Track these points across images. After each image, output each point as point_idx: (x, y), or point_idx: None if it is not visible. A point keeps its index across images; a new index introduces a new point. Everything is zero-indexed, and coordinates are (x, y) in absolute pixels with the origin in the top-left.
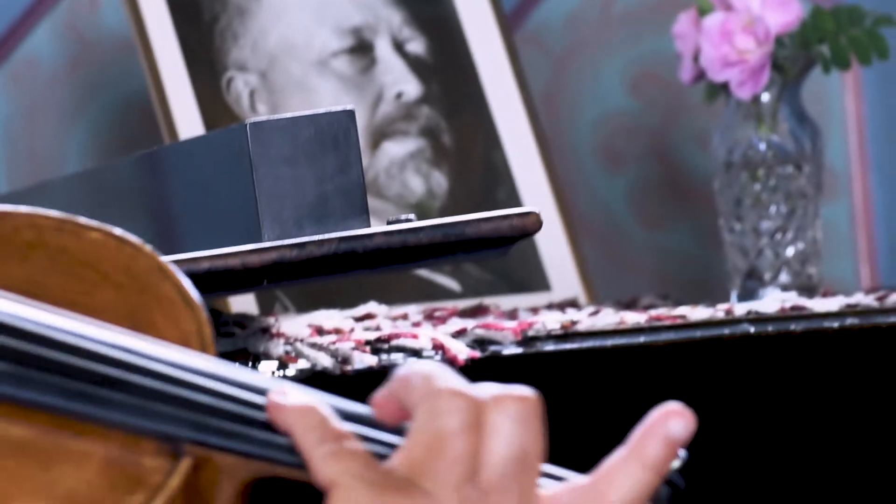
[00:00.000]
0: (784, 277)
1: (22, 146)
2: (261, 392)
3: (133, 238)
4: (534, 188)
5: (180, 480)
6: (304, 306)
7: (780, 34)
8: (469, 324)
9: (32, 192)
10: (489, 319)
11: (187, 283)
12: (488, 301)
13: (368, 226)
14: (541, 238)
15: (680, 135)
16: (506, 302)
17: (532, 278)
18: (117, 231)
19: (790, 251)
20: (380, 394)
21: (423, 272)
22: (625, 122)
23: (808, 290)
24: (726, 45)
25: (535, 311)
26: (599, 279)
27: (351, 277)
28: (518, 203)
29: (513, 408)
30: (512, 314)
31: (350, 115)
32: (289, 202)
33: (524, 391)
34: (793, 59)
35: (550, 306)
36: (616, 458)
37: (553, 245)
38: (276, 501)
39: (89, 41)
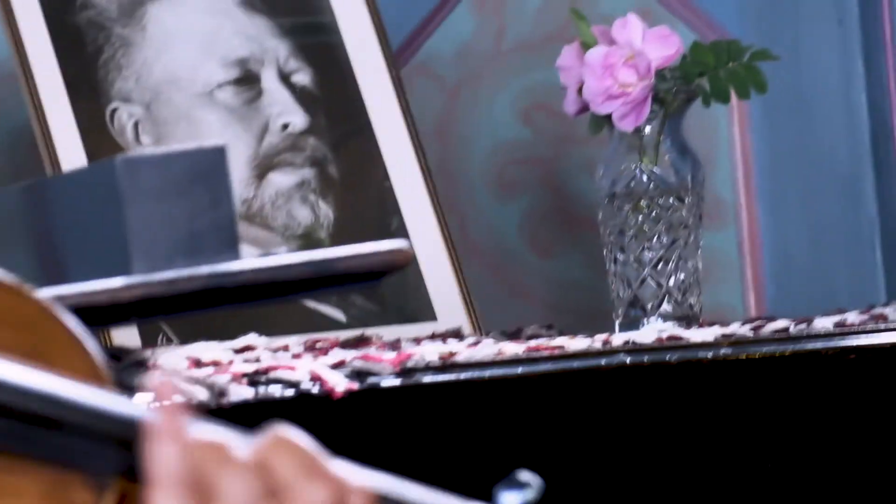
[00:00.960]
0: (666, 307)
1: None
2: None
3: (11, 280)
4: (420, 218)
5: None
6: (188, 337)
7: (661, 68)
8: (349, 355)
9: None
10: (369, 351)
11: (73, 323)
12: (372, 332)
13: (238, 259)
14: (426, 268)
15: (571, 164)
16: (391, 332)
17: (418, 309)
18: (7, 279)
19: (672, 281)
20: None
21: (309, 302)
22: (516, 152)
23: (690, 320)
24: (609, 78)
25: (418, 341)
26: (492, 307)
27: (222, 311)
28: (405, 233)
29: (307, 500)
30: (394, 345)
31: (221, 150)
32: (159, 237)
33: (325, 478)
34: (674, 92)
35: (433, 336)
36: None
37: (438, 275)
38: None
39: None
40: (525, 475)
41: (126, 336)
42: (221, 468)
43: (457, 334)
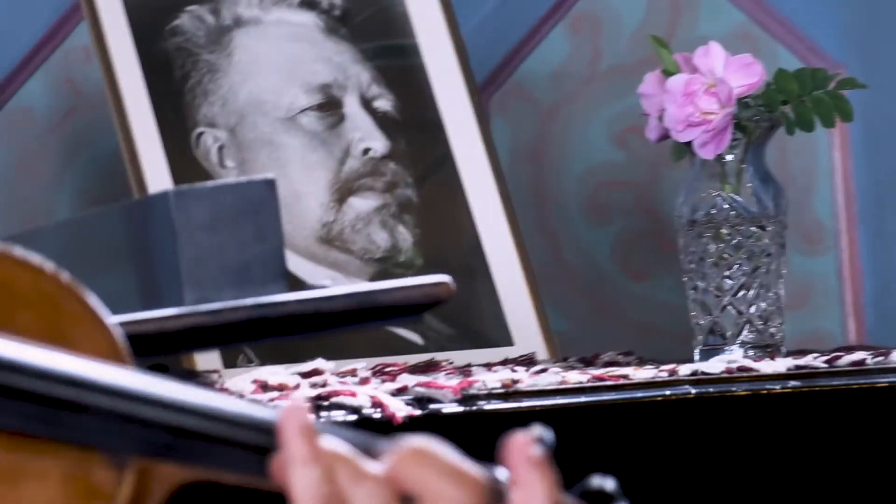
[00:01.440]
0: (747, 335)
1: (14, 194)
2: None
3: (32, 257)
4: (498, 243)
5: (129, 491)
6: (269, 358)
7: (742, 96)
8: (414, 381)
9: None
10: (434, 377)
11: (94, 301)
12: (448, 356)
13: (286, 291)
14: (504, 293)
15: (664, 187)
16: (466, 357)
17: (495, 333)
18: (17, 252)
19: (753, 309)
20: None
21: (387, 326)
22: (610, 175)
23: (770, 348)
24: (690, 105)
25: (489, 366)
26: (584, 330)
27: (268, 343)
28: (482, 257)
29: None
30: (465, 370)
31: (270, 183)
32: (209, 268)
33: (470, 484)
34: (757, 120)
35: (506, 362)
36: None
37: (516, 300)
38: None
39: (82, 92)
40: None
41: (208, 358)
42: (357, 484)
43: (530, 360)
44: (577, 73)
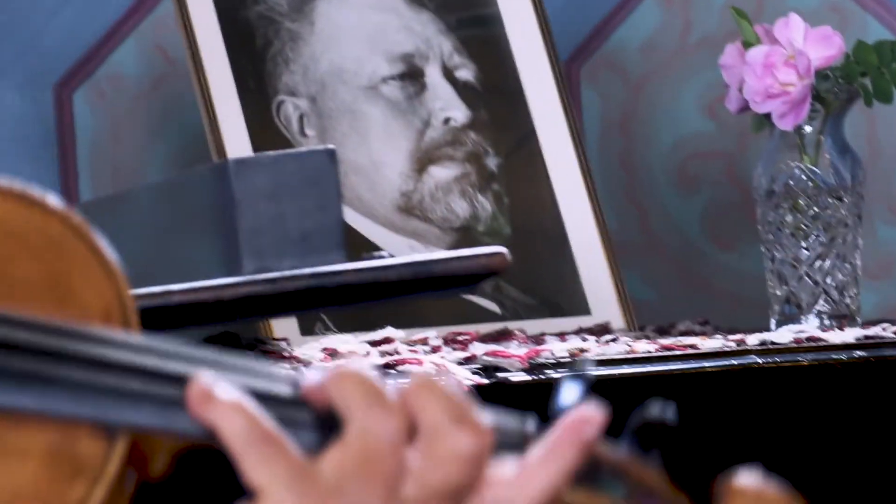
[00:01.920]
0: (823, 305)
1: (106, 160)
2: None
3: (48, 199)
4: (576, 212)
5: (118, 464)
6: (346, 327)
7: (821, 68)
8: (485, 349)
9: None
10: (502, 346)
11: (104, 245)
12: (525, 324)
13: (345, 261)
14: (581, 262)
15: (753, 158)
16: (544, 326)
17: (572, 303)
18: (31, 191)
19: (829, 280)
20: (311, 384)
21: (466, 294)
22: (699, 146)
23: (847, 318)
24: (769, 77)
25: (562, 336)
26: (673, 300)
27: (324, 311)
28: (561, 226)
29: (452, 447)
30: (538, 339)
31: (331, 153)
32: (269, 238)
33: (472, 427)
34: (835, 92)
35: (580, 331)
36: (536, 458)
37: (593, 269)
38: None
39: (173, 59)
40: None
41: (284, 323)
42: (368, 407)
43: (605, 329)
44: (667, 44)
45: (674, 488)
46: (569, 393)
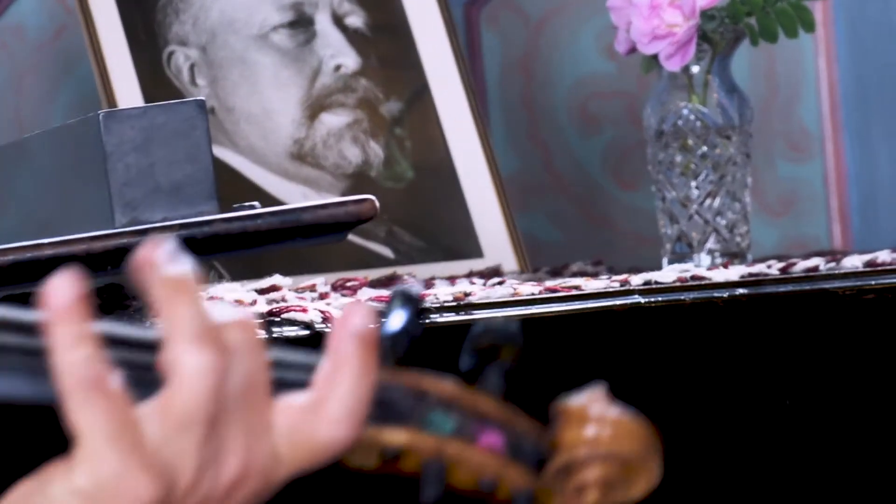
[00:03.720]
0: (713, 244)
1: (8, 109)
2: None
3: None
4: (467, 156)
5: None
6: (240, 275)
7: (706, 8)
8: (373, 295)
9: None
10: (387, 291)
11: None
12: (421, 268)
13: (217, 211)
14: (473, 206)
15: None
16: (437, 269)
17: (465, 246)
18: None
19: (719, 218)
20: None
21: (356, 239)
22: (600, 86)
23: (737, 256)
24: (655, 18)
25: (452, 279)
26: (577, 240)
27: (197, 261)
28: (453, 170)
29: (241, 336)
30: (428, 283)
31: (200, 104)
32: (139, 189)
33: (242, 318)
34: (722, 32)
35: (471, 274)
36: (324, 373)
37: (486, 213)
38: None
39: (72, 9)
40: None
41: None
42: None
43: (496, 272)
44: None
45: (512, 413)
46: (396, 318)
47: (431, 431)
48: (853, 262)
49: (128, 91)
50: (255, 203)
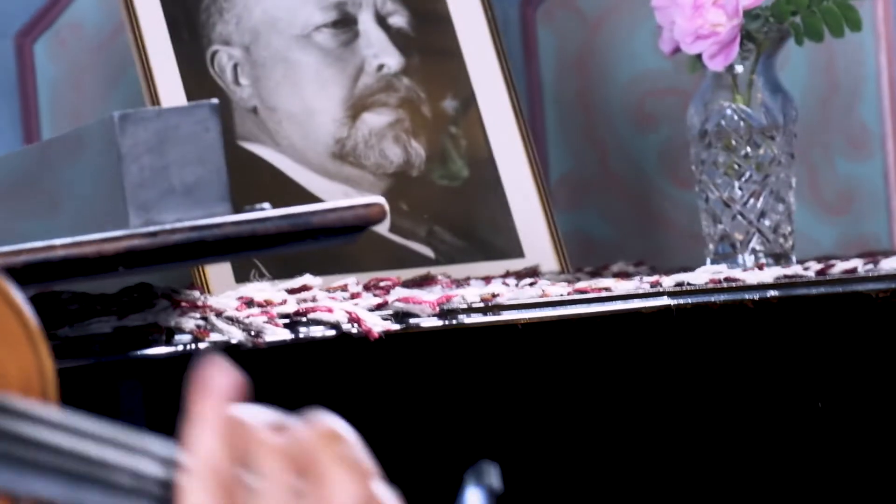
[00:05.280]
0: (756, 244)
1: (66, 107)
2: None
3: None
4: (510, 158)
5: None
6: (281, 273)
7: (749, 8)
8: (401, 295)
9: None
10: (427, 291)
11: (28, 310)
12: (461, 268)
13: (231, 213)
14: (515, 205)
15: None
16: (478, 269)
17: (506, 245)
18: None
19: (762, 218)
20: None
21: (397, 238)
22: (656, 83)
23: (781, 256)
24: (698, 18)
25: (488, 280)
26: (632, 238)
27: (208, 262)
28: (495, 169)
29: (340, 454)
30: (462, 283)
31: (214, 107)
32: (153, 191)
33: (338, 431)
34: (766, 31)
35: (507, 274)
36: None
37: (527, 212)
38: None
39: None
40: (489, 469)
41: (219, 271)
42: (259, 452)
43: (533, 272)
44: None
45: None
46: (472, 500)
47: None
48: (892, 263)
49: (172, 90)
50: (266, 204)
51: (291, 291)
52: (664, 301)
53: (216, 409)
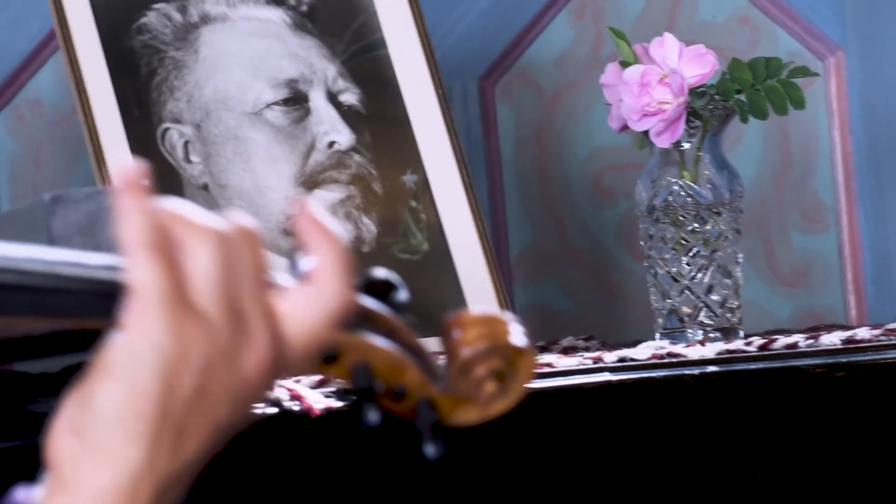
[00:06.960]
0: (705, 318)
1: (26, 183)
2: None
3: None
4: (461, 232)
5: None
6: None
7: (695, 86)
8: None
9: None
10: None
11: None
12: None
13: None
14: (466, 282)
15: None
16: (428, 345)
17: None
18: None
19: (710, 293)
20: None
21: None
22: (614, 158)
23: (728, 331)
24: (645, 95)
25: (437, 354)
26: (590, 311)
27: None
28: (446, 245)
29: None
30: None
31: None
32: None
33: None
34: (712, 109)
35: None
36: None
37: (478, 289)
38: None
39: None
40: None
41: None
42: (189, 230)
43: None
44: (580, 59)
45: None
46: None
47: (360, 336)
48: (833, 338)
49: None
50: None
51: None
52: (605, 377)
53: (138, 198)
